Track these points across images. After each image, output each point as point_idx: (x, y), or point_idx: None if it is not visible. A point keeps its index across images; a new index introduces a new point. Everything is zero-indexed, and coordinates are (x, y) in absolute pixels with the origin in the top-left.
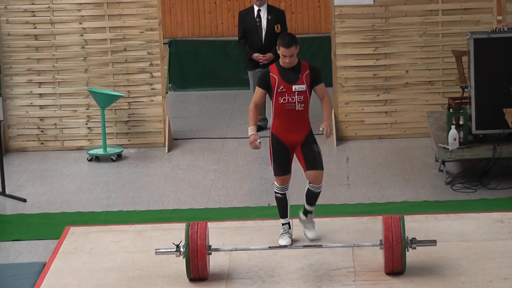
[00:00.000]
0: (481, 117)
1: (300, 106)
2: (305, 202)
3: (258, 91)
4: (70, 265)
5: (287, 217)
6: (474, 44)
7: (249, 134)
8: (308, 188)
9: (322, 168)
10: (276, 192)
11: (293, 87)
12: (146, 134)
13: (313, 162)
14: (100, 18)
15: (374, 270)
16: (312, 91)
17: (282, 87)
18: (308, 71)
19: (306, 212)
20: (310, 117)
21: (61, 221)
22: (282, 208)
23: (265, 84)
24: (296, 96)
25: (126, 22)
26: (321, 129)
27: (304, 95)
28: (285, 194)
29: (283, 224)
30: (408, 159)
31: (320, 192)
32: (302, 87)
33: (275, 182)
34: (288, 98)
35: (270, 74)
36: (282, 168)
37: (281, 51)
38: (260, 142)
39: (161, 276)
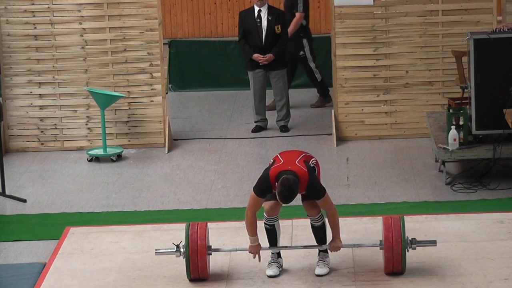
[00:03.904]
0: (481, 118)
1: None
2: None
3: (256, 199)
4: (70, 265)
5: (276, 246)
6: (474, 45)
7: (253, 244)
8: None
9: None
10: (264, 223)
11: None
12: (146, 135)
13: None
14: (100, 19)
15: (374, 271)
16: None
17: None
18: (303, 192)
19: (319, 251)
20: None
21: (61, 222)
22: (271, 238)
23: (266, 194)
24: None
25: (126, 23)
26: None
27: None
28: (273, 225)
29: (272, 253)
30: (408, 159)
31: (322, 226)
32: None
33: (264, 213)
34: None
35: (272, 189)
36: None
37: (278, 199)
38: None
39: (161, 276)
